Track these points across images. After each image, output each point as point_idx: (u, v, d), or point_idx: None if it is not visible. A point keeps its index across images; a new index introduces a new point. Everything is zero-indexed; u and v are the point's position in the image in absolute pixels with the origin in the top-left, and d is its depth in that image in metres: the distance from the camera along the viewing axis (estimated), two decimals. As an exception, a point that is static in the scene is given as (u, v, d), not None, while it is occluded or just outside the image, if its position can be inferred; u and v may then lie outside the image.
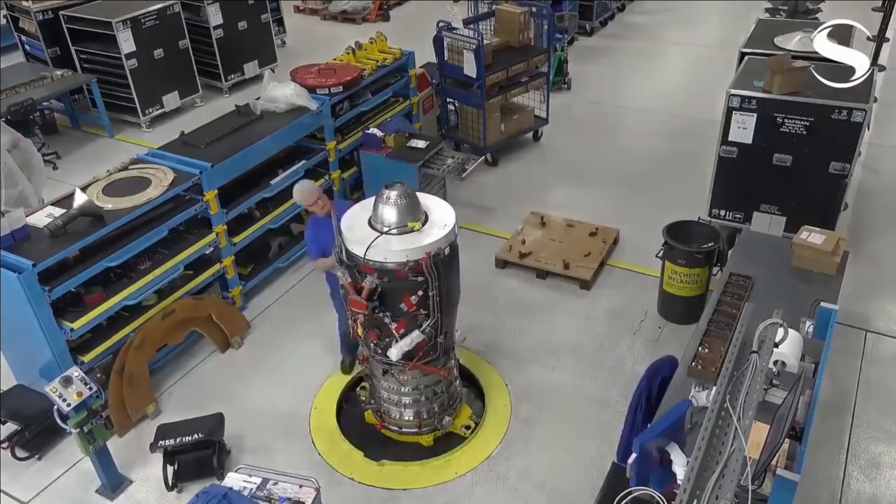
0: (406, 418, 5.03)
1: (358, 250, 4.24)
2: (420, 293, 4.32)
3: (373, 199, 4.41)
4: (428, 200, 4.58)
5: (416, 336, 4.44)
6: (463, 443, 5.10)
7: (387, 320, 4.41)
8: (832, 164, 5.77)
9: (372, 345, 4.63)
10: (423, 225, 4.34)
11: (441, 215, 4.46)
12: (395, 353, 4.47)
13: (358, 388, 5.36)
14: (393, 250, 4.20)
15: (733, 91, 5.93)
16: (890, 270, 6.56)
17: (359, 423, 5.28)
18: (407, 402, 4.95)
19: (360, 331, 4.52)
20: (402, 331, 4.45)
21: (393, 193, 4.28)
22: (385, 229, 4.27)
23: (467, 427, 5.19)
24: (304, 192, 5.28)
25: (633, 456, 3.25)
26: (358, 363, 5.34)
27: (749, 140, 5.98)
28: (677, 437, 3.44)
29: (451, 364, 5.03)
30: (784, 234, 5.98)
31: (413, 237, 4.26)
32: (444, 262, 4.33)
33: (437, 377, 4.86)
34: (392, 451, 5.08)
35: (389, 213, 4.27)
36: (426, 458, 5.01)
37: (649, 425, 3.61)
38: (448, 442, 5.12)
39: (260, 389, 5.65)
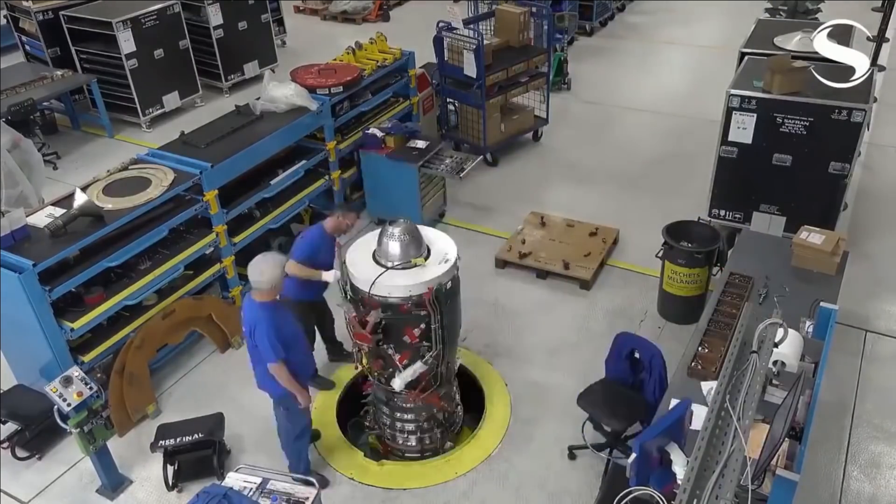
0: (409, 444, 5.08)
1: (362, 285, 4.32)
2: (423, 326, 4.40)
3: (377, 232, 4.49)
4: (429, 233, 4.67)
5: (418, 367, 4.52)
6: (463, 442, 5.10)
7: (390, 352, 4.48)
8: (832, 164, 5.77)
9: (376, 374, 4.70)
10: (426, 259, 4.42)
11: (442, 248, 4.54)
12: (398, 383, 4.54)
13: (361, 412, 5.39)
14: (397, 285, 4.28)
15: (733, 91, 5.93)
16: (889, 270, 6.56)
17: (363, 446, 5.27)
18: (410, 428, 5.01)
19: (364, 361, 4.61)
20: (405, 362, 4.52)
21: (397, 230, 4.36)
22: (389, 264, 4.35)
23: None
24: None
25: (633, 456, 3.25)
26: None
27: (749, 140, 5.98)
28: (677, 437, 3.44)
29: (451, 391, 5.09)
30: (784, 234, 5.98)
31: (416, 272, 4.35)
32: (445, 296, 4.42)
33: (439, 403, 4.92)
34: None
35: (393, 249, 4.35)
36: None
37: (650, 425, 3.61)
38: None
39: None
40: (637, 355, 4.72)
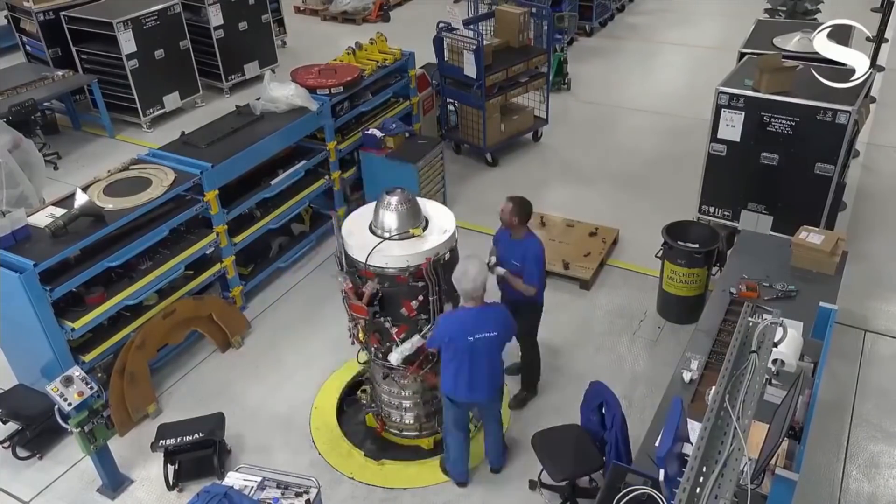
0: (406, 421, 5.06)
1: (359, 256, 4.29)
2: (420, 298, 4.36)
3: (373, 204, 4.44)
4: (428, 206, 4.63)
5: (416, 341, 4.49)
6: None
7: (387, 325, 4.45)
8: (818, 164, 5.75)
9: (373, 349, 4.67)
10: (424, 230, 4.38)
11: (441, 220, 4.51)
12: (395, 357, 4.51)
13: (359, 392, 5.38)
14: (394, 256, 4.25)
15: (722, 88, 5.94)
16: (888, 270, 6.57)
17: (360, 425, 5.31)
18: (407, 405, 4.98)
19: (361, 336, 4.56)
20: (402, 335, 4.48)
21: (394, 199, 4.32)
22: (386, 235, 4.32)
23: None
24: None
25: (662, 473, 3.21)
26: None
27: (737, 138, 5.98)
28: (685, 435, 3.43)
29: None
30: (770, 233, 5.99)
31: (414, 243, 4.31)
32: (444, 267, 4.37)
33: (436, 382, 4.83)
34: (392, 454, 5.09)
35: (390, 219, 4.32)
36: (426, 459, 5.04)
37: (658, 440, 3.57)
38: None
39: (260, 389, 5.66)
40: (604, 410, 4.37)
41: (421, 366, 4.64)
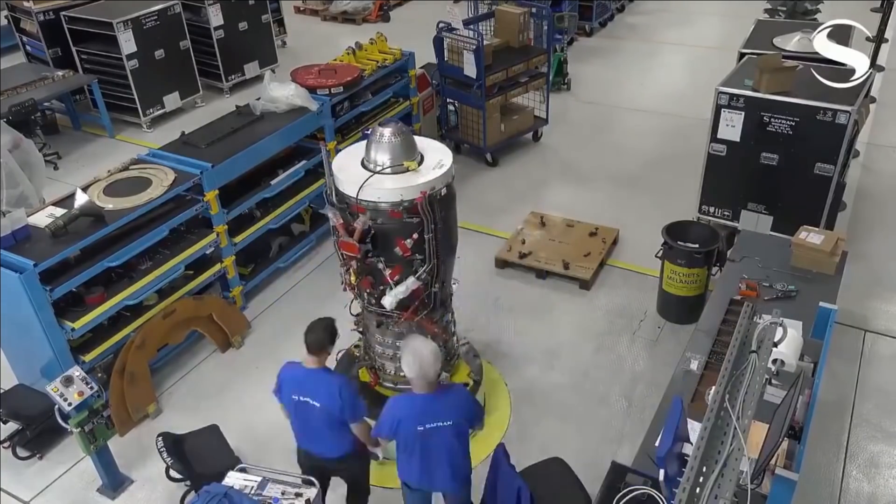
0: (401, 374, 4.75)
1: (350, 190, 4.10)
2: (415, 236, 4.16)
3: (365, 140, 4.27)
4: (424, 142, 4.46)
5: (411, 283, 4.26)
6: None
7: (380, 266, 4.24)
8: (818, 164, 5.74)
9: (365, 294, 4.46)
10: (419, 165, 4.21)
11: (438, 155, 4.32)
12: (389, 301, 4.28)
13: (351, 346, 5.19)
14: (387, 189, 4.06)
15: (722, 88, 5.94)
16: (888, 270, 6.57)
17: (352, 380, 5.00)
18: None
19: (352, 279, 4.31)
20: (396, 277, 4.28)
21: (387, 131, 4.13)
22: (378, 168, 4.13)
23: (465, 385, 5.03)
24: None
25: (661, 472, 3.21)
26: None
27: (737, 138, 5.98)
28: (685, 435, 3.43)
29: (447, 318, 4.87)
30: (770, 233, 6.00)
31: (408, 176, 4.12)
32: (440, 203, 4.20)
33: (433, 329, 4.66)
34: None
35: (383, 152, 4.13)
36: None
37: (658, 440, 3.57)
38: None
39: (260, 389, 5.63)
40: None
41: (416, 311, 4.41)
